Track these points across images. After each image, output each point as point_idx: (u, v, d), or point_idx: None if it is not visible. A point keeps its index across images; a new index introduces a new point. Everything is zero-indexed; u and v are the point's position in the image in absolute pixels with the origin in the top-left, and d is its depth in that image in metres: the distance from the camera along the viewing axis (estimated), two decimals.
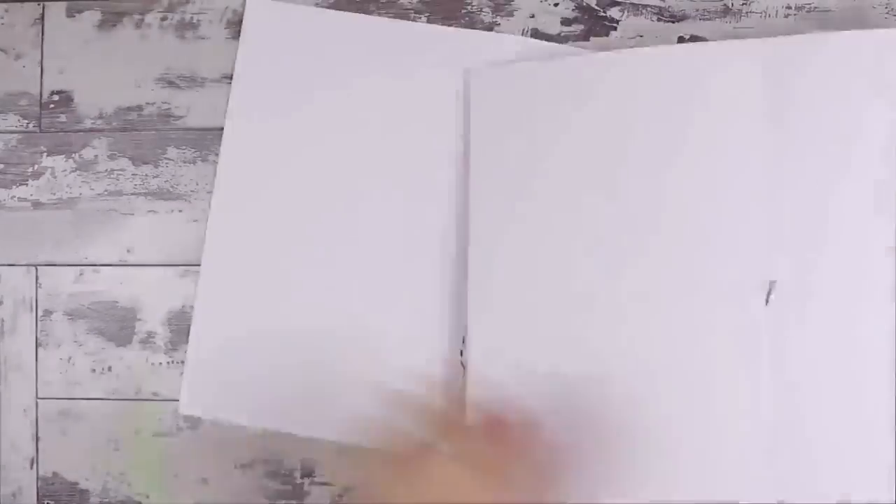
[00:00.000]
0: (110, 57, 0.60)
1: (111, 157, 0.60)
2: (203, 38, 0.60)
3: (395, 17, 0.59)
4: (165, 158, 0.60)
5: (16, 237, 0.60)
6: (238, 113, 0.58)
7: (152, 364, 0.59)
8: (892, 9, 0.57)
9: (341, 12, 0.58)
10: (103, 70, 0.60)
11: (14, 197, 0.60)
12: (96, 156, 0.60)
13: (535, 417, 0.48)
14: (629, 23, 0.58)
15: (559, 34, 0.58)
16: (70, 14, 0.60)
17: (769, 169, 0.49)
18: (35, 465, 0.59)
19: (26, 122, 0.60)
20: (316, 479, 0.57)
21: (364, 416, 0.49)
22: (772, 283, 0.49)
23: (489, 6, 0.58)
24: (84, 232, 0.60)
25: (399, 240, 0.56)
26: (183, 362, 0.58)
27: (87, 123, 0.60)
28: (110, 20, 0.60)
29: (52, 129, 0.60)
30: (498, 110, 0.54)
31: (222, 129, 0.59)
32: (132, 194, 0.60)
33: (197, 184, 0.59)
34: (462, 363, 0.53)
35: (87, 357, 0.59)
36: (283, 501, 0.58)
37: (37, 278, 0.60)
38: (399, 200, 0.56)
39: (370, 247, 0.56)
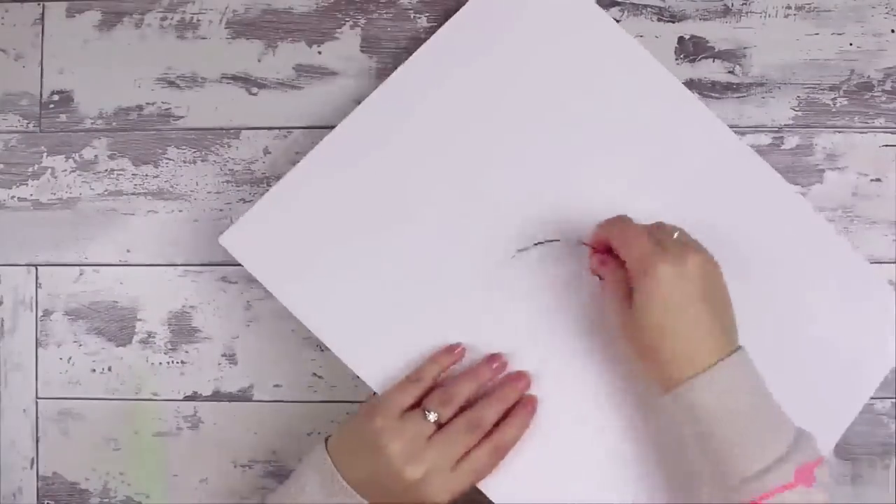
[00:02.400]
0: (110, 57, 0.60)
1: (111, 157, 0.60)
2: (203, 38, 0.60)
3: (394, 17, 0.59)
4: (165, 158, 0.60)
5: (16, 237, 0.60)
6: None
7: (152, 364, 0.59)
8: (892, 9, 0.57)
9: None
10: (103, 70, 0.60)
11: (14, 197, 0.60)
12: (96, 156, 0.60)
13: None
14: (629, 23, 0.58)
15: None
16: (70, 14, 0.60)
17: None
18: (35, 465, 0.59)
19: (26, 122, 0.60)
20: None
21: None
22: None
23: None
24: (84, 232, 0.60)
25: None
26: (183, 362, 0.59)
27: (87, 123, 0.60)
28: (110, 20, 0.60)
29: (52, 129, 0.60)
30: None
31: (222, 129, 0.59)
32: (132, 194, 0.60)
33: (197, 184, 0.59)
34: None
35: (87, 357, 0.59)
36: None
37: (37, 278, 0.60)
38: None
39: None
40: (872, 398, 0.56)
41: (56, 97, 0.60)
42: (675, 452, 0.49)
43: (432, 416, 0.48)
